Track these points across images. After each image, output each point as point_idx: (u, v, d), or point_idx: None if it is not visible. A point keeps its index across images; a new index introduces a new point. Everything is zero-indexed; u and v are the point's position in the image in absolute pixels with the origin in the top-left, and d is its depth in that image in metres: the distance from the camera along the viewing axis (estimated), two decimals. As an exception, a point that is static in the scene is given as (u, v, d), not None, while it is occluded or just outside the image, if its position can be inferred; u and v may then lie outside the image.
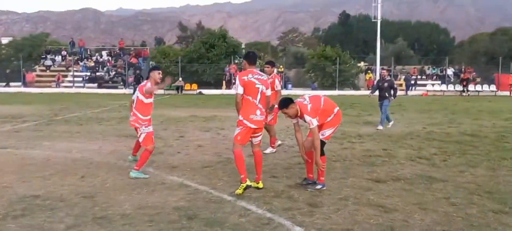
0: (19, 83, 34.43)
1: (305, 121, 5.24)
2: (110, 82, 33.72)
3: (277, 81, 7.97)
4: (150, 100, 6.45)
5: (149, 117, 6.50)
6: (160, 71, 6.62)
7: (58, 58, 38.08)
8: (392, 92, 11.63)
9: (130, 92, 29.87)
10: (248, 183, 5.18)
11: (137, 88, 6.62)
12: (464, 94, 31.99)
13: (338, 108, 5.49)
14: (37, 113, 15.33)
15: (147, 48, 39.53)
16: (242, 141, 5.26)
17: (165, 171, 6.39)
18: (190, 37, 69.49)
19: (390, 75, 13.01)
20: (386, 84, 11.69)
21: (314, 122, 5.11)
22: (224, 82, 34.41)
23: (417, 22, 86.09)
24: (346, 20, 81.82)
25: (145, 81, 6.64)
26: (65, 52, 38.80)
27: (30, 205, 4.73)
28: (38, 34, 53.63)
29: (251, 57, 5.63)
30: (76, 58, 37.18)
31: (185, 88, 33.02)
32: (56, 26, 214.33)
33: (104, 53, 40.18)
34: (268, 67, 8.26)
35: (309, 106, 5.22)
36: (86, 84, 33.35)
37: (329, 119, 5.34)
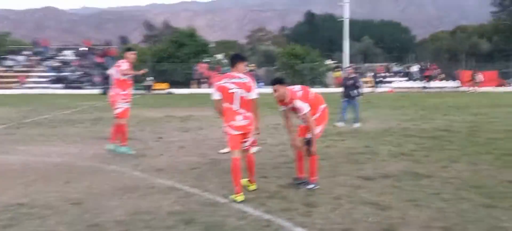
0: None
1: (294, 109, 5.19)
2: (76, 82, 32.74)
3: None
4: (127, 77, 7.34)
5: (127, 92, 7.51)
6: (135, 53, 7.34)
7: (20, 58, 36.62)
8: (356, 90, 11.72)
9: (99, 92, 29.19)
10: (242, 198, 4.90)
11: (113, 68, 7.59)
12: (425, 90, 33.08)
13: (325, 105, 5.54)
14: (4, 116, 14.73)
15: (114, 48, 38.65)
16: (233, 147, 5.05)
17: (152, 174, 6.28)
18: (156, 36, 68.63)
19: (355, 73, 13.24)
20: (350, 82, 11.83)
21: (306, 108, 5.08)
22: (193, 81, 34.12)
23: (380, 21, 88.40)
24: (312, 19, 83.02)
25: (120, 61, 7.59)
26: (30, 52, 37.35)
27: (17, 214, 4.54)
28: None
29: (231, 58, 5.45)
30: (39, 58, 35.87)
31: (154, 87, 32.54)
32: (15, 25, 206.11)
33: (69, 52, 38.97)
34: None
35: (299, 92, 5.21)
36: (51, 85, 32.25)
37: (316, 115, 5.33)
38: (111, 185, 5.68)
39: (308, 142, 5.29)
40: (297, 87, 5.33)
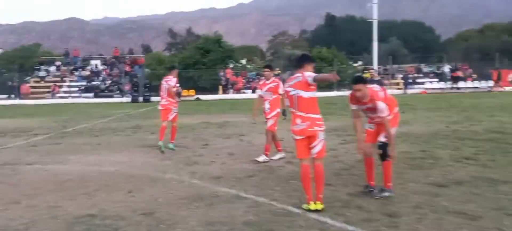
0: (6, 96, 33.93)
1: (371, 110, 4.93)
2: (106, 91, 33.19)
3: (281, 85, 7.57)
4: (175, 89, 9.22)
5: (175, 101, 9.37)
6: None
7: (52, 68, 37.38)
8: None
9: (128, 101, 29.57)
10: (314, 206, 4.64)
11: (164, 81, 9.32)
12: (457, 91, 32.29)
13: (398, 108, 5.31)
14: (45, 125, 14.92)
15: (142, 56, 39.12)
16: (300, 155, 4.80)
17: (212, 182, 6.17)
18: (179, 44, 69.22)
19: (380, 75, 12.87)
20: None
21: (387, 110, 4.83)
22: (220, 87, 34.18)
23: (402, 21, 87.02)
24: (332, 21, 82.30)
25: (170, 76, 9.35)
26: (59, 62, 38.11)
27: (91, 226, 4.48)
28: (29, 45, 52.69)
29: (298, 59, 5.07)
30: (71, 68, 36.57)
31: (182, 94, 32.69)
32: (41, 37, 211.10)
33: (97, 62, 39.63)
34: (267, 71, 7.98)
35: (380, 93, 4.91)
36: (82, 94, 32.78)
37: (389, 118, 5.01)
38: (175, 194, 5.59)
39: (382, 146, 5.06)
40: (377, 87, 5.09)
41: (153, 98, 29.41)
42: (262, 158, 7.51)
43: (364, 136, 5.22)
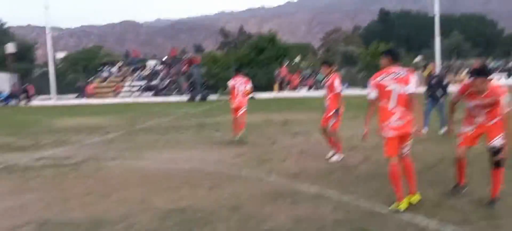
0: (74, 95, 35.92)
1: (487, 107, 4.59)
2: (164, 90, 34.29)
3: (336, 82, 7.38)
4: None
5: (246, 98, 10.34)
6: None
7: (114, 69, 39.19)
8: (441, 90, 10.25)
9: (186, 99, 30.30)
10: (405, 206, 4.56)
11: (240, 82, 10.18)
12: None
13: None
14: (114, 123, 15.62)
15: (198, 56, 40.05)
16: (389, 153, 4.64)
17: (290, 179, 6.19)
18: (231, 43, 70.09)
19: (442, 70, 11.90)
20: (435, 80, 10.44)
21: (508, 107, 4.46)
22: (276, 85, 34.22)
23: (462, 15, 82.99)
24: (386, 17, 79.98)
25: (239, 77, 10.28)
26: (120, 63, 39.89)
27: (183, 219, 4.62)
28: (91, 47, 55.62)
29: (389, 53, 4.88)
30: (131, 68, 38.16)
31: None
32: (99, 40, 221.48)
33: (154, 62, 41.04)
34: (325, 67, 7.79)
35: (503, 88, 4.55)
36: (142, 93, 34.08)
37: None
38: (256, 191, 5.65)
39: (497, 152, 4.59)
40: (498, 81, 4.82)
41: (211, 97, 29.98)
42: (335, 158, 7.41)
43: (460, 157, 4.96)
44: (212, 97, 30.46)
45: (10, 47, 42.00)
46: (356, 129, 11.31)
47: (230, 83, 10.24)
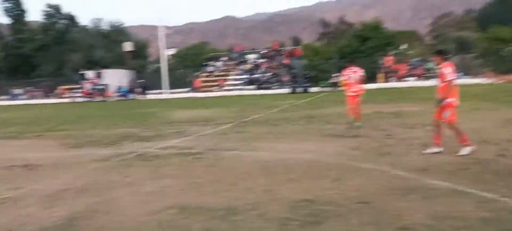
0: (183, 89, 38.27)
1: None
2: (266, 83, 34.95)
3: (448, 70, 6.85)
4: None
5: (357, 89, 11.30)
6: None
7: (218, 64, 40.98)
8: None
9: (288, 92, 30.55)
10: None
11: (350, 71, 11.39)
12: None
13: None
14: (223, 115, 16.30)
15: (299, 48, 40.12)
16: None
17: (418, 174, 5.86)
18: (331, 33, 68.82)
19: None
20: None
21: None
22: (381, 75, 32.87)
23: None
24: (503, -1, 71.92)
25: (353, 67, 11.50)
26: (225, 58, 41.59)
27: (313, 210, 4.61)
28: (198, 43, 58.84)
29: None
30: (235, 63, 39.57)
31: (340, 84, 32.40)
32: (202, 36, 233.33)
33: (254, 56, 41.98)
34: (438, 57, 7.17)
35: None
36: (245, 87, 35.15)
37: None
38: (383, 185, 5.44)
39: None
40: None
41: (312, 89, 29.82)
42: (466, 150, 6.85)
43: None
44: (314, 89, 30.28)
45: (128, 46, 46.15)
46: (481, 121, 10.45)
47: (344, 73, 11.20)
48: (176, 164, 7.44)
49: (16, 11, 58.97)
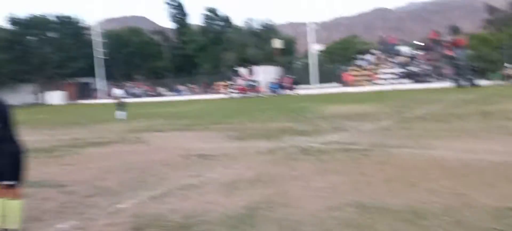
0: (332, 84, 37.81)
1: None
2: (423, 76, 32.36)
3: None
4: None
5: None
6: None
7: (369, 57, 39.49)
8: None
9: (451, 85, 27.79)
10: None
11: None
12: None
13: None
14: (381, 111, 15.45)
15: (462, 37, 36.18)
16: None
17: None
18: (500, 20, 60.47)
19: None
20: None
21: None
22: None
23: None
24: None
25: None
26: (377, 51, 39.93)
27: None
28: (347, 37, 57.90)
29: None
30: (388, 55, 37.65)
31: (514, 76, 28.15)
32: (348, 30, 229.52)
33: (406, 48, 39.34)
34: None
35: None
36: (399, 80, 33.11)
37: None
38: None
39: None
40: None
41: (481, 82, 26.55)
42: None
43: None
44: (482, 82, 26.92)
45: (277, 43, 47.66)
46: None
47: None
48: (342, 160, 7.14)
49: (180, 16, 65.96)
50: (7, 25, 55.75)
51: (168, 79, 54.49)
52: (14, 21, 55.78)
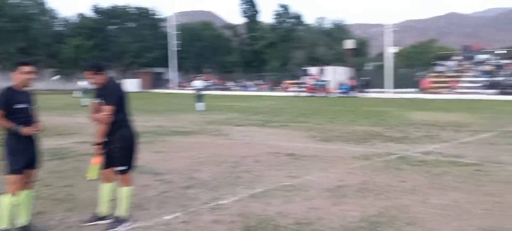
0: (409, 89, 35.89)
1: None
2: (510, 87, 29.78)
3: None
4: None
5: None
6: None
7: (450, 63, 37.09)
8: None
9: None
10: None
11: None
12: None
13: None
14: (474, 122, 14.22)
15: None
16: None
17: None
18: None
19: None
20: None
21: None
22: None
23: None
24: None
25: None
26: (459, 57, 37.44)
27: None
28: (425, 41, 55.08)
29: None
30: (470, 63, 35.17)
31: None
32: (420, 34, 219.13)
33: (487, 56, 36.43)
34: None
35: None
36: (484, 91, 30.70)
37: None
38: None
39: None
40: None
41: None
42: None
43: None
44: None
45: (349, 43, 46.27)
46: None
47: None
48: (457, 175, 6.41)
49: (251, 12, 66.25)
50: (91, 14, 59.15)
51: (236, 74, 54.98)
52: (97, 10, 59.03)
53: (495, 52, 38.76)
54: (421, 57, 42.67)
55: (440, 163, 7.32)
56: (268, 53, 60.53)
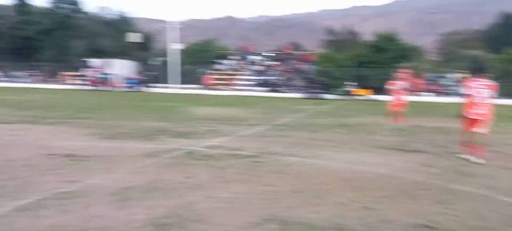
0: (193, 85, 37.51)
1: None
2: (279, 86, 34.33)
3: (466, 87, 8.09)
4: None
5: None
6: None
7: (226, 62, 40.23)
8: None
9: (302, 97, 29.95)
10: None
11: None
12: None
13: None
14: (251, 117, 15.63)
15: (312, 53, 39.51)
16: None
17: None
18: (339, 42, 68.23)
19: None
20: None
21: None
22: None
23: None
24: (508, 20, 71.92)
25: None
26: (236, 57, 40.87)
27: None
28: (207, 40, 58.04)
29: None
30: (244, 62, 38.89)
31: (354, 92, 31.59)
32: (202, 33, 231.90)
33: (257, 57, 41.31)
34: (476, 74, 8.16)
35: None
36: (255, 88, 34.48)
37: None
38: (498, 213, 4.83)
39: None
40: None
41: (326, 96, 29.26)
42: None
43: None
44: (327, 96, 29.78)
45: (134, 37, 45.26)
46: None
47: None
48: (237, 167, 6.76)
49: (20, -7, 57.81)
50: None
51: (3, 63, 47.08)
52: None
53: (263, 54, 44.03)
54: (203, 55, 45.06)
55: (223, 156, 7.64)
56: (42, 40, 53.84)
